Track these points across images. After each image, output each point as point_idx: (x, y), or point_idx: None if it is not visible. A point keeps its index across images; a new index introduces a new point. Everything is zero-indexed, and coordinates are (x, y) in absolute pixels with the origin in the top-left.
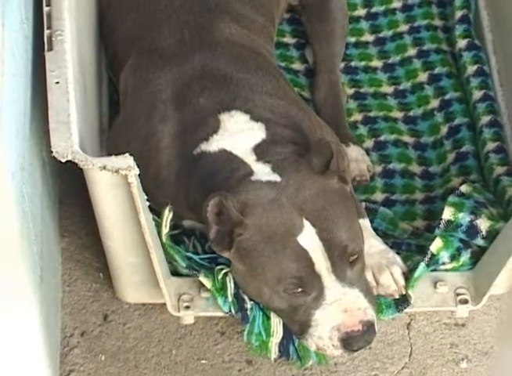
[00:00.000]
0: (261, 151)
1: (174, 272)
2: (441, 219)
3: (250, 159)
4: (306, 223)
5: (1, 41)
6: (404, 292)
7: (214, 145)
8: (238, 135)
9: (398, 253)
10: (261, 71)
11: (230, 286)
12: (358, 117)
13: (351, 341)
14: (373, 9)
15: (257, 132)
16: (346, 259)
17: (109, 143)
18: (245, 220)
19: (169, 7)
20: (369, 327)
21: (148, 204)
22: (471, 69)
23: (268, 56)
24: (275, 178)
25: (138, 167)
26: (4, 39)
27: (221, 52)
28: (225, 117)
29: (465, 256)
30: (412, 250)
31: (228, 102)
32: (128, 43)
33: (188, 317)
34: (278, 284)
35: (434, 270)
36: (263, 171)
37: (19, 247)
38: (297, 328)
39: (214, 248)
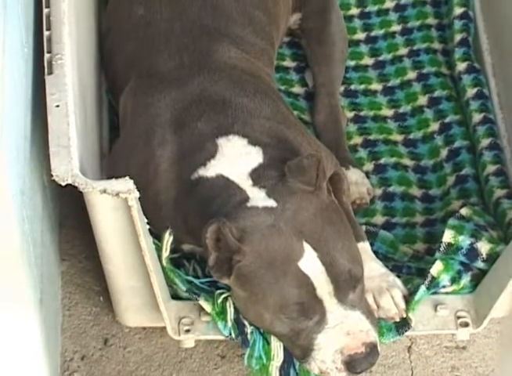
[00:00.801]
0: (257, 176)
1: (175, 296)
2: (441, 242)
3: (246, 184)
4: (307, 247)
5: (1, 65)
6: (405, 315)
7: (211, 170)
8: (235, 159)
9: (398, 276)
10: (260, 95)
11: (230, 311)
12: (358, 140)
13: (354, 364)
14: (373, 33)
15: (254, 157)
16: (350, 282)
17: (109, 167)
18: (243, 247)
19: (168, 31)
20: (372, 349)
21: (148, 227)
22: (471, 92)
23: (268, 80)
24: (272, 203)
25: (138, 190)
26: (4, 63)
27: (220, 76)
28: (222, 142)
29: (465, 279)
30: (412, 273)
31: (226, 126)
32: (127, 67)
33: (188, 341)
34: (279, 311)
35: (435, 293)
36: (258, 197)
37: (19, 269)
38: (299, 352)
39: (214, 275)
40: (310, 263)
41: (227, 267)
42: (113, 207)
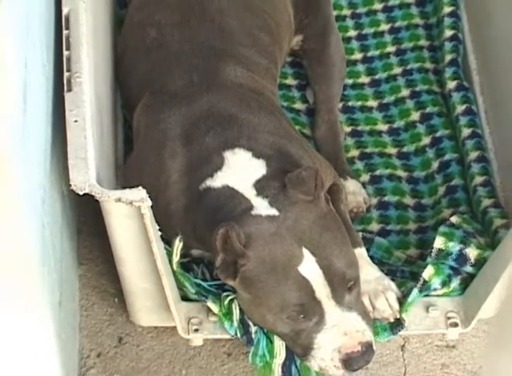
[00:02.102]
0: (260, 186)
1: (184, 298)
2: (432, 248)
3: (250, 194)
4: (306, 253)
5: (24, 83)
6: (398, 316)
7: (218, 181)
8: (240, 171)
9: (392, 280)
10: (264, 111)
11: (236, 311)
12: (355, 153)
13: (351, 362)
14: (369, 53)
15: (258, 169)
16: (345, 285)
17: (124, 177)
18: (248, 252)
19: (179, 52)
20: (367, 348)
21: (160, 234)
22: (460, 108)
23: (272, 97)
24: (274, 212)
25: (150, 199)
26: (27, 81)
27: (227, 94)
28: (228, 155)
29: (455, 282)
30: (405, 277)
31: (232, 140)
32: (141, 85)
33: (197, 339)
34: (281, 312)
35: (427, 296)
36: (262, 206)
37: (39, 272)
38: (300, 351)
39: (220, 276)
40: (309, 267)
41: (232, 269)
42: (127, 215)
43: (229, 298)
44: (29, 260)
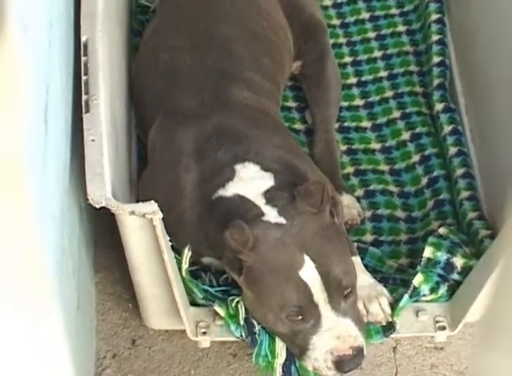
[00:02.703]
0: (269, 196)
1: (193, 303)
2: (422, 257)
3: (260, 202)
4: (307, 259)
5: (45, 105)
6: (390, 320)
7: (229, 190)
8: (250, 182)
9: (385, 286)
10: (270, 129)
11: (241, 311)
12: (350, 169)
13: (342, 364)
14: (363, 78)
15: (266, 180)
16: (341, 292)
17: (139, 192)
18: (253, 254)
19: (190, 75)
20: (358, 352)
21: (170, 244)
22: (447, 129)
23: (276, 116)
24: (282, 220)
25: (163, 212)
26: (48, 103)
27: (236, 113)
28: (239, 168)
29: (443, 289)
30: (397, 283)
31: (242, 155)
32: (154, 106)
33: (205, 342)
34: (281, 311)
35: (416, 301)
36: (271, 214)
37: (57, 279)
38: (297, 351)
39: (226, 268)
40: (309, 272)
41: (238, 265)
42: (140, 227)
43: (235, 301)
44: (48, 267)
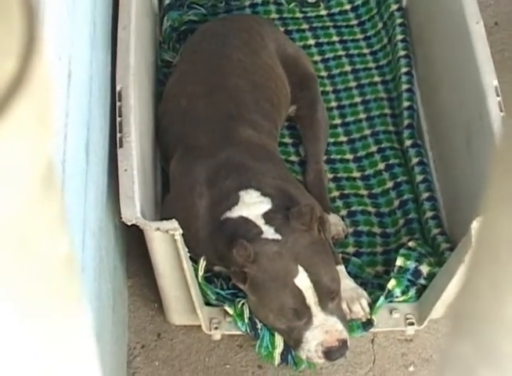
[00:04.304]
0: (268, 217)
1: (207, 303)
2: (395, 266)
3: (260, 222)
4: (300, 269)
5: (87, 141)
6: (369, 317)
7: (235, 213)
8: (252, 206)
9: (364, 289)
10: (269, 161)
11: (246, 312)
12: (336, 193)
13: (330, 354)
14: (346, 119)
15: (265, 204)
16: (329, 295)
17: (162, 212)
18: (255, 266)
19: (204, 117)
20: (343, 344)
21: (188, 254)
22: (415, 160)
23: (274, 151)
24: (278, 237)
25: (182, 229)
26: (89, 139)
27: (241, 149)
28: (243, 194)
29: (412, 292)
30: (374, 287)
31: (245, 183)
32: (175, 142)
33: (216, 335)
34: (279, 313)
35: (390, 302)
36: (269, 232)
37: (97, 283)
38: (292, 343)
39: (234, 279)
40: (302, 280)
41: (243, 276)
42: (164, 240)
43: (241, 302)
44: (89, 273)
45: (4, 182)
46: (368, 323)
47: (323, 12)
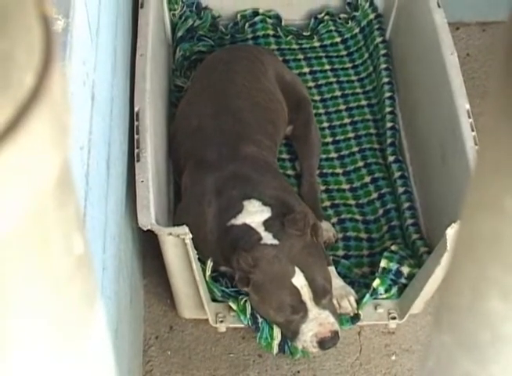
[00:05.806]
0: (267, 225)
1: (213, 299)
2: (379, 267)
3: (260, 229)
4: (297, 270)
5: (107, 156)
6: (356, 312)
7: (239, 220)
8: (254, 214)
9: (352, 287)
10: (270, 174)
11: (248, 308)
12: (327, 203)
13: (324, 343)
14: (337, 138)
15: (265, 213)
16: (322, 293)
17: (175, 219)
18: (256, 269)
19: (213, 135)
20: (335, 334)
21: (197, 256)
22: (397, 174)
23: (274, 165)
24: (276, 242)
25: (192, 234)
26: (110, 154)
27: (246, 163)
28: (246, 203)
29: (394, 290)
30: (361, 286)
31: (249, 194)
32: (186, 157)
33: (222, 327)
34: (278, 309)
35: (375, 299)
36: (268, 237)
37: (116, 281)
38: (290, 335)
39: (238, 285)
40: (298, 280)
41: (246, 280)
42: (176, 244)
43: (244, 299)
44: (110, 272)
45: (20, 188)
46: (355, 318)
47: (317, 44)
